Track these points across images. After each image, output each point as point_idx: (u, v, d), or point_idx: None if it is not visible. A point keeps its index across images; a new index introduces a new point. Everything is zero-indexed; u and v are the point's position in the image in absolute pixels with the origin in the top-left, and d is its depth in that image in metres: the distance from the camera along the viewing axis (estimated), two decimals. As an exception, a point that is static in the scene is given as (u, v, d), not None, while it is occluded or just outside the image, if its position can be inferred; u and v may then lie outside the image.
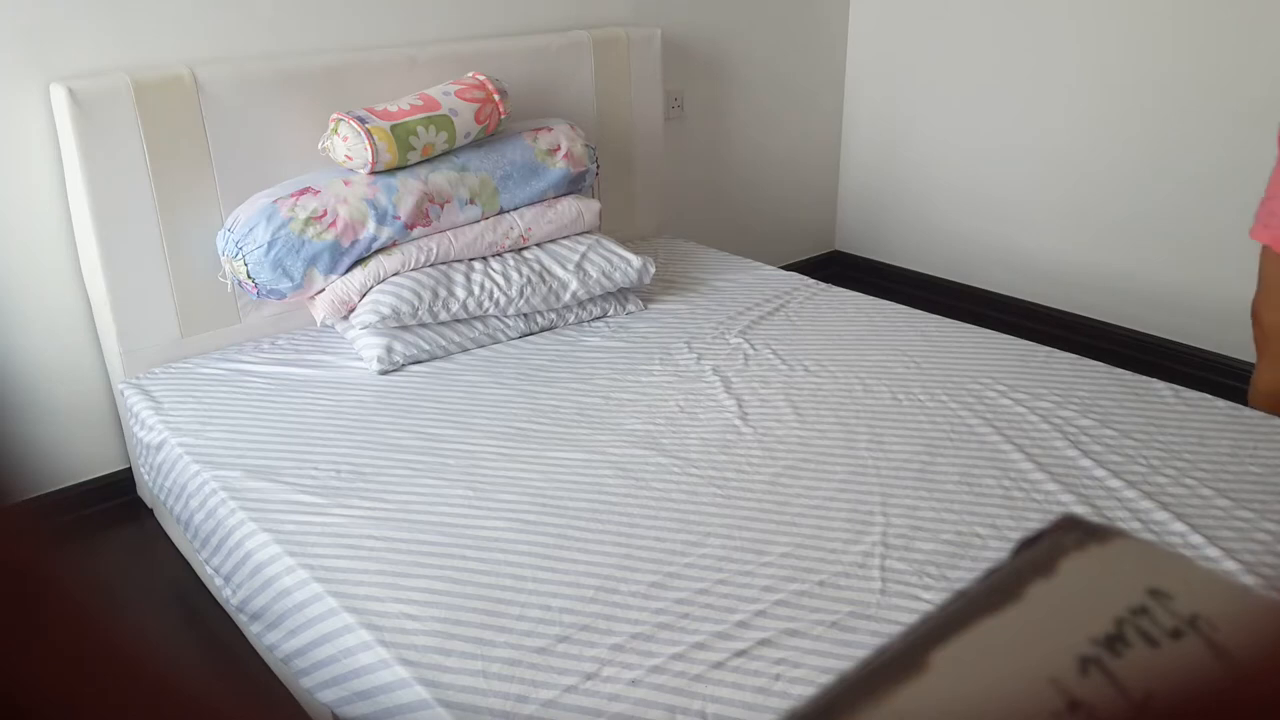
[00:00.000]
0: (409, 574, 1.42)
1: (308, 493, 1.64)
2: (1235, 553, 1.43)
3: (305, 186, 2.11)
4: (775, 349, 2.14)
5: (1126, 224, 2.87)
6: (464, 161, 2.25)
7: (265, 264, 2.05)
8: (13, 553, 0.24)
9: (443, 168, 2.22)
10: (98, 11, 2.03)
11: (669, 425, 1.83)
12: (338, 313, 2.13)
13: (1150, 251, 2.84)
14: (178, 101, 2.07)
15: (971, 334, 2.21)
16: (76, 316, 2.17)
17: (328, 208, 2.08)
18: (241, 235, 2.06)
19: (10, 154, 2.02)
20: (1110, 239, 2.92)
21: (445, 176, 2.21)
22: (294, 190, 2.10)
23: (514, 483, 1.65)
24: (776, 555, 1.45)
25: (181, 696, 0.24)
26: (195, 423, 1.89)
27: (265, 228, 2.04)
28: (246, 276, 2.07)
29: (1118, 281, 2.93)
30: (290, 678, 1.59)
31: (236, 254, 2.06)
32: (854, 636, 1.29)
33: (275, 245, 2.04)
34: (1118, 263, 2.92)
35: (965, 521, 1.53)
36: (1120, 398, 1.89)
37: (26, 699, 0.22)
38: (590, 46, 2.67)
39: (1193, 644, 0.25)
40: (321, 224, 2.07)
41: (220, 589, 1.70)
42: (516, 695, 1.20)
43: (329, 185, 2.12)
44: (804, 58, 3.35)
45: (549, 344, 2.21)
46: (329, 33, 2.34)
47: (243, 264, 2.06)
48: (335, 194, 2.10)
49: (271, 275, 2.06)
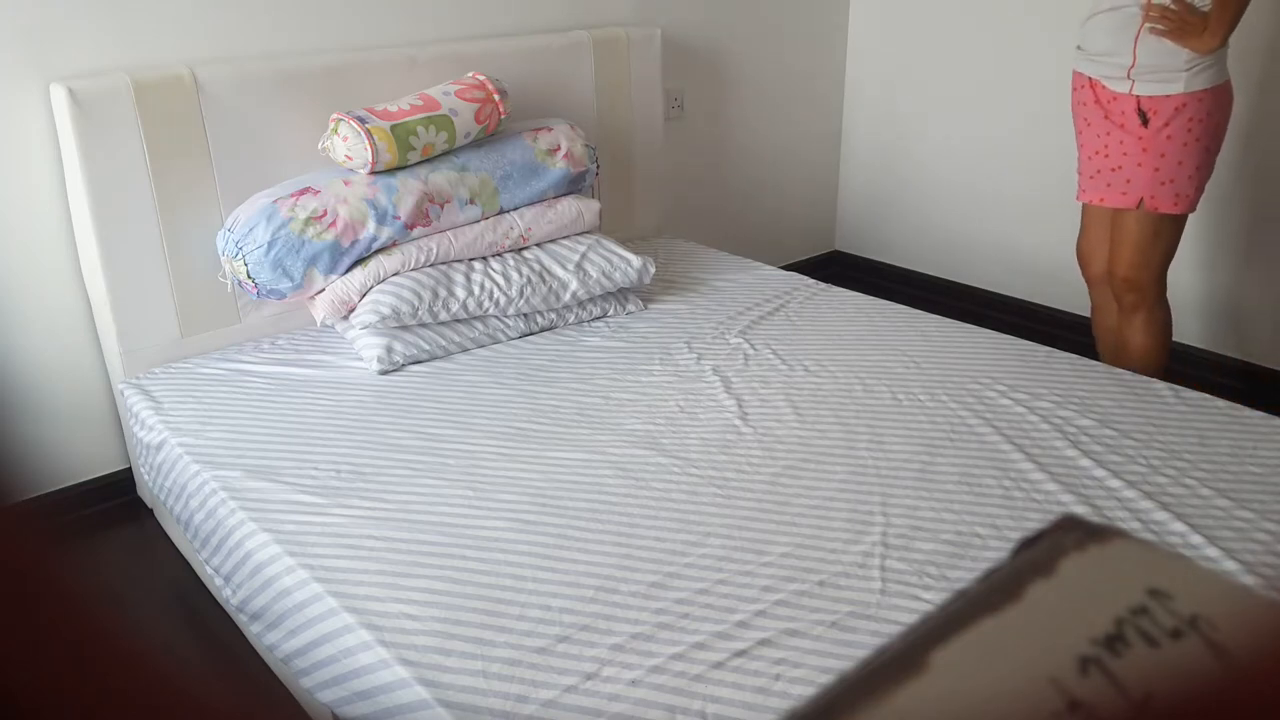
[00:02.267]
0: (409, 574, 1.42)
1: (308, 493, 1.64)
2: (1235, 553, 1.43)
3: (305, 186, 2.11)
4: (775, 349, 2.14)
5: None
6: (464, 161, 2.25)
7: (265, 264, 2.05)
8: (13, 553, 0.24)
9: (443, 168, 2.22)
10: (98, 11, 2.03)
11: (669, 425, 1.83)
12: (338, 313, 2.13)
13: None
14: (178, 101, 2.06)
15: (971, 334, 2.21)
16: (76, 316, 2.17)
17: (328, 208, 2.08)
18: (241, 235, 2.06)
19: (10, 154, 2.02)
20: (1110, 239, 2.91)
21: (445, 176, 2.21)
22: (294, 190, 2.10)
23: (514, 483, 1.65)
24: (776, 555, 1.45)
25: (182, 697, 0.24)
26: (195, 423, 1.89)
27: (265, 228, 2.04)
28: (246, 276, 2.07)
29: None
30: (290, 678, 1.59)
31: (236, 254, 2.06)
32: (854, 636, 1.29)
33: (275, 245, 2.04)
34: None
35: (965, 521, 1.53)
36: (1120, 398, 1.89)
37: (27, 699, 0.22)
38: (590, 46, 2.67)
39: (1193, 644, 0.25)
40: (321, 224, 2.07)
41: (220, 589, 1.70)
42: (516, 695, 1.20)
43: (329, 185, 2.12)
44: (804, 58, 3.35)
45: (549, 344, 2.21)
46: (329, 33, 2.34)
47: (243, 264, 2.06)
48: (335, 194, 2.10)
49: (271, 275, 2.06)
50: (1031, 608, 0.26)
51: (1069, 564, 0.27)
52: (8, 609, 0.23)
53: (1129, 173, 2.17)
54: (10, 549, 0.24)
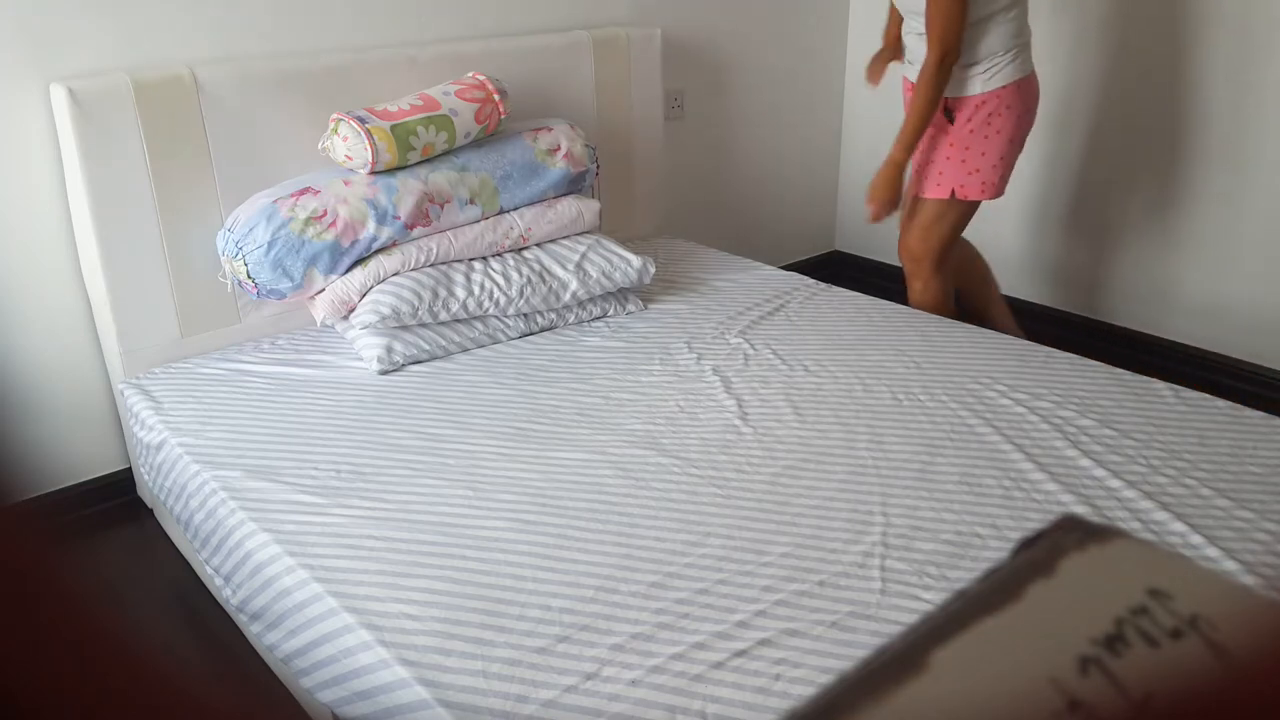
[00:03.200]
0: (409, 574, 1.42)
1: (308, 493, 1.64)
2: (1235, 553, 1.43)
3: (305, 186, 2.11)
4: (775, 349, 2.14)
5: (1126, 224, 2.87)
6: (464, 161, 2.25)
7: (265, 264, 2.05)
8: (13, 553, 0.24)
9: (443, 168, 2.22)
10: (98, 11, 2.03)
11: (669, 425, 1.83)
12: (338, 313, 2.13)
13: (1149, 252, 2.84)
14: (178, 101, 2.07)
15: (971, 334, 2.21)
16: (76, 316, 2.17)
17: (328, 208, 2.08)
18: (241, 235, 2.06)
19: (10, 154, 2.02)
20: (1110, 238, 2.92)
21: (445, 176, 2.21)
22: (294, 190, 2.10)
23: (514, 483, 1.65)
24: (776, 555, 1.45)
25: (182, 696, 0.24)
26: (195, 423, 1.89)
27: (265, 228, 2.04)
28: (246, 276, 2.07)
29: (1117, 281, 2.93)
30: (290, 678, 1.59)
31: (236, 254, 2.06)
32: (854, 636, 1.29)
33: (275, 245, 2.04)
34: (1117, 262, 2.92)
35: (965, 521, 1.53)
36: (1120, 398, 1.89)
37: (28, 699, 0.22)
38: (590, 46, 2.67)
39: (1193, 644, 0.25)
40: (321, 224, 2.07)
41: (220, 589, 1.70)
42: (516, 695, 1.20)
43: (329, 185, 2.12)
44: (804, 58, 3.35)
45: (549, 344, 2.21)
46: (329, 33, 2.34)
47: (243, 264, 2.06)
48: (335, 194, 2.10)
49: (271, 275, 2.06)
50: (1031, 608, 0.26)
51: (1069, 564, 0.27)
52: (8, 609, 0.23)
53: (940, 165, 2.38)
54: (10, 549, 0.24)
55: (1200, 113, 2.63)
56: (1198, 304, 2.77)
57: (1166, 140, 2.71)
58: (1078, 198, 2.97)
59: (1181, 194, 2.72)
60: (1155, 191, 2.78)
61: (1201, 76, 2.61)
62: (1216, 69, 2.58)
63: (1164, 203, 2.77)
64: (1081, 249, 3.00)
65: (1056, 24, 2.84)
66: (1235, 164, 2.60)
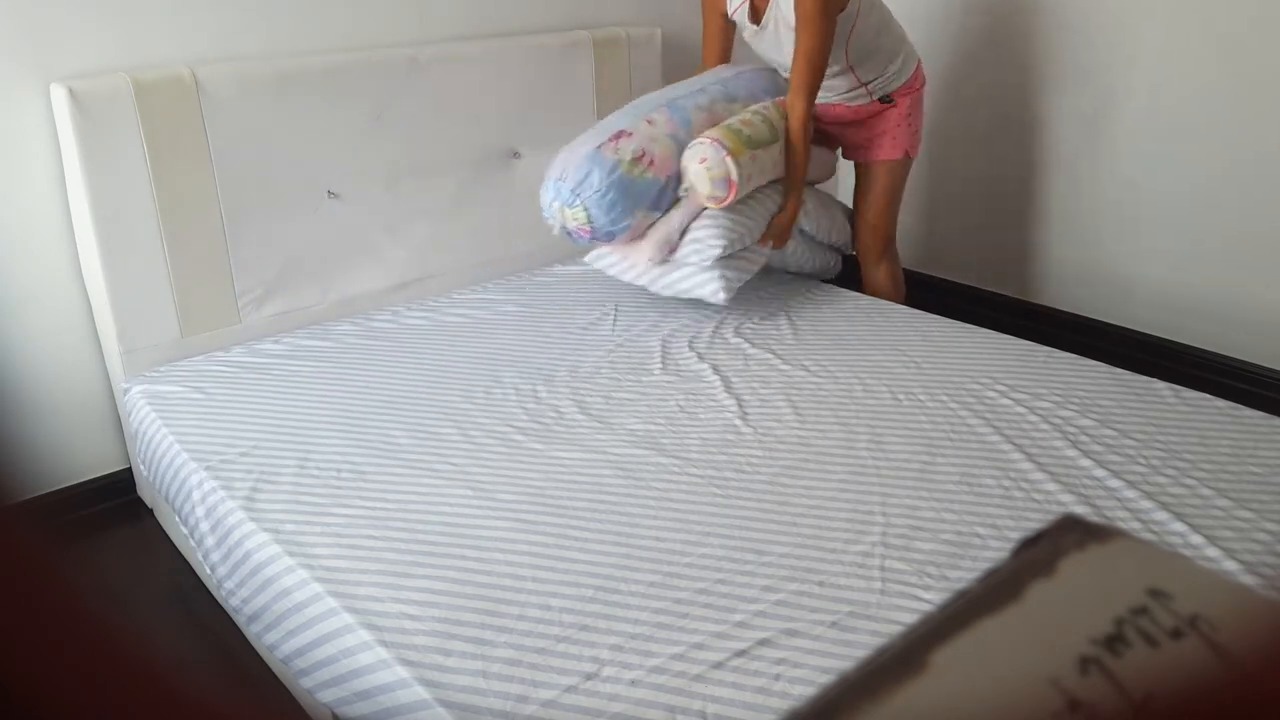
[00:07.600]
0: (409, 574, 1.42)
1: (307, 493, 1.64)
2: (1235, 553, 1.43)
3: (619, 130, 2.19)
4: (775, 349, 2.14)
5: (1125, 223, 2.87)
6: (730, 91, 2.37)
7: (603, 206, 2.11)
8: (13, 553, 0.24)
9: (719, 99, 2.33)
10: (98, 11, 2.03)
11: (669, 425, 1.83)
12: (664, 251, 2.20)
13: (1147, 250, 2.84)
14: (178, 101, 2.07)
15: (971, 334, 2.21)
16: (76, 316, 2.17)
17: (645, 148, 2.17)
18: (577, 181, 2.12)
19: (10, 154, 2.02)
20: (1109, 238, 2.92)
21: (725, 108, 2.31)
22: (609, 135, 2.17)
23: (514, 482, 1.65)
24: (776, 555, 1.45)
25: (182, 697, 0.24)
26: (195, 422, 1.89)
27: (600, 172, 2.11)
28: (586, 221, 2.13)
29: (1117, 281, 2.93)
30: (290, 678, 1.59)
31: (574, 201, 2.12)
32: (854, 636, 1.29)
33: (612, 188, 2.11)
34: (1116, 262, 2.92)
35: (965, 521, 1.53)
36: (1120, 398, 1.89)
37: (28, 699, 0.22)
38: (590, 46, 2.67)
39: (1193, 644, 0.25)
40: (643, 164, 2.15)
41: (220, 589, 1.70)
42: (516, 695, 1.20)
43: (637, 127, 2.20)
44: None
45: (552, 343, 2.21)
46: (329, 33, 2.34)
47: (583, 209, 2.12)
48: (646, 134, 2.19)
49: (609, 217, 2.13)
50: (1031, 608, 0.26)
51: (1069, 564, 0.27)
52: (8, 609, 0.23)
53: (891, 134, 2.56)
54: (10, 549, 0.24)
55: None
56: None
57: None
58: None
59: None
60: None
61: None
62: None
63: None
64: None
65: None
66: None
